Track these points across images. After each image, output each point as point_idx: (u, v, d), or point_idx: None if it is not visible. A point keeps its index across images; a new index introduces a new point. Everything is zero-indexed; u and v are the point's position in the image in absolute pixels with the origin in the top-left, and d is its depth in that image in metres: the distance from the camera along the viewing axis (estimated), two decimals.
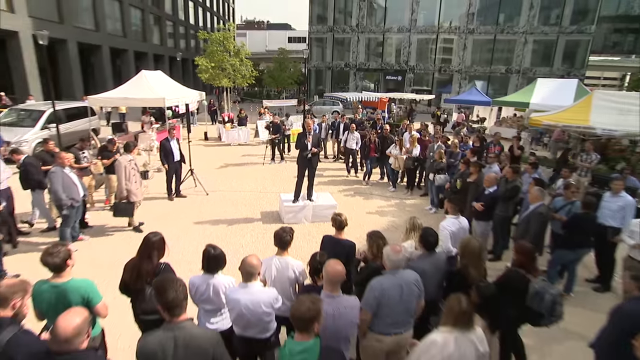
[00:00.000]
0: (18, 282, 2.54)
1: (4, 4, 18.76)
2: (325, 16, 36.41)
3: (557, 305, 3.52)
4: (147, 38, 33.71)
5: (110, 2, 28.17)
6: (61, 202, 6.19)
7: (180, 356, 2.15)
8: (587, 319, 4.80)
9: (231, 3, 60.87)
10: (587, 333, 3.73)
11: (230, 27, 22.46)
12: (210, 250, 3.11)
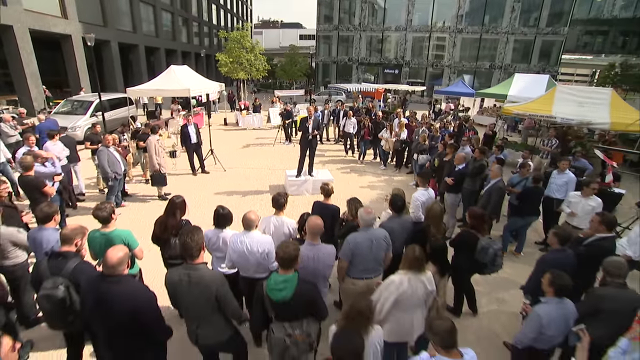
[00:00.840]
0: (78, 226, 2.91)
1: (59, 11, 19.19)
2: (331, 16, 35.68)
3: (497, 257, 3.81)
4: (176, 37, 33.51)
5: (145, 7, 28.03)
6: (107, 175, 6.58)
7: (192, 289, 2.45)
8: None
9: (249, 5, 59.65)
10: None
11: (247, 26, 22.29)
12: (220, 210, 3.43)
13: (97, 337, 2.69)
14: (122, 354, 2.46)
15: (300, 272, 2.66)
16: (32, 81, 17.30)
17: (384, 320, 2.98)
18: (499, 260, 3.81)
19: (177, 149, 10.24)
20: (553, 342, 2.84)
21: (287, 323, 2.49)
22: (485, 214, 4.24)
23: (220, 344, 2.67)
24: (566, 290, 2.75)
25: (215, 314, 2.50)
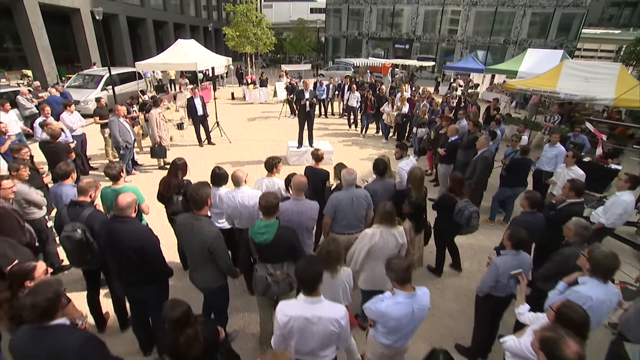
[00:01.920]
0: (92, 181, 3.33)
1: None
2: None
3: (472, 219, 4.12)
4: (184, 11, 33.12)
5: None
6: (119, 144, 7.02)
7: (193, 236, 2.83)
8: None
9: None
10: None
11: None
12: (216, 170, 3.80)
13: (110, 273, 3.15)
14: (131, 285, 2.91)
15: (286, 225, 3.04)
16: (44, 56, 17.67)
17: (360, 269, 3.36)
18: (473, 222, 4.13)
19: (185, 121, 10.60)
20: (507, 290, 3.18)
21: (270, 264, 2.89)
22: (464, 179, 4.53)
23: (209, 290, 3.10)
24: (523, 244, 3.06)
25: (208, 263, 2.89)
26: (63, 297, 1.97)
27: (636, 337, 2.70)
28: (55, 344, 1.87)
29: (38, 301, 1.83)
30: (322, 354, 2.21)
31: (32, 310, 1.84)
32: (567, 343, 1.68)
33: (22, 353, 1.91)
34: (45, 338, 1.88)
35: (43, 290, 1.88)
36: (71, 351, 1.86)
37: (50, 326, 1.89)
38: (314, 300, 2.10)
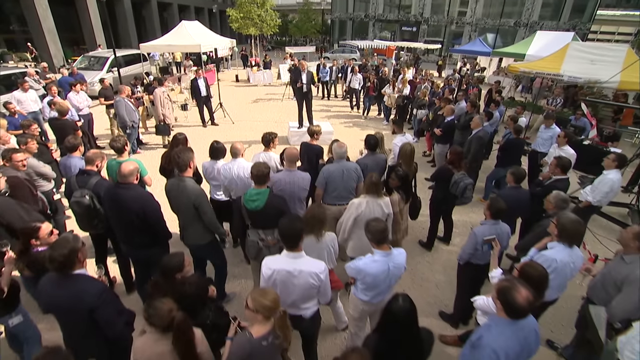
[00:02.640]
0: (98, 152, 3.58)
1: None
2: None
3: (467, 190, 4.29)
4: None
5: None
6: (126, 123, 7.24)
7: (179, 195, 3.07)
8: None
9: None
10: None
11: None
12: (214, 144, 4.01)
13: (116, 237, 3.41)
14: (134, 247, 3.17)
15: (280, 194, 3.25)
16: (50, 37, 17.82)
17: (348, 238, 3.57)
18: (468, 193, 4.30)
19: (189, 102, 10.77)
20: (486, 258, 3.37)
21: (261, 230, 3.12)
22: (463, 152, 4.69)
23: (200, 247, 3.35)
24: (501, 213, 3.23)
25: (196, 220, 3.13)
26: (80, 252, 2.21)
27: (599, 299, 2.89)
28: (75, 290, 2.14)
29: (55, 255, 2.08)
30: (303, 306, 2.45)
31: (51, 263, 2.10)
32: (519, 290, 1.87)
33: (46, 296, 2.19)
34: (67, 284, 2.15)
35: (60, 246, 2.13)
36: (90, 296, 2.12)
37: (72, 275, 2.16)
38: (296, 255, 2.32)
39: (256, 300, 1.89)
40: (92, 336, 2.20)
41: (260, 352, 1.88)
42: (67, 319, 2.21)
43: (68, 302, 2.12)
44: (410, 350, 1.96)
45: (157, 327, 1.84)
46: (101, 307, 2.13)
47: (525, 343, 1.99)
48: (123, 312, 2.33)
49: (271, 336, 1.91)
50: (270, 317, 1.92)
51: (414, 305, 2.01)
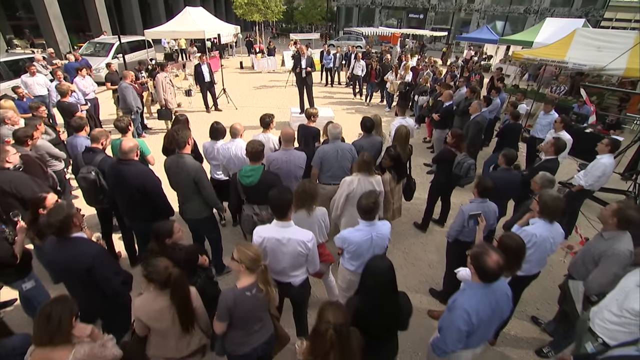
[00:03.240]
0: (103, 130, 3.74)
1: None
2: None
3: (470, 170, 4.40)
4: None
5: None
6: (132, 108, 7.40)
7: (179, 171, 3.23)
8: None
9: None
10: None
11: None
12: (215, 124, 4.15)
13: (120, 212, 3.60)
14: (137, 221, 3.36)
15: (276, 172, 3.40)
16: (56, 24, 17.91)
17: (341, 214, 3.72)
18: (472, 173, 4.40)
19: (193, 88, 10.89)
20: (473, 235, 3.50)
21: (256, 205, 3.28)
22: (463, 133, 4.79)
23: (198, 221, 3.52)
24: (487, 191, 3.35)
25: (195, 195, 3.30)
26: (75, 217, 2.38)
27: (579, 275, 3.02)
28: (73, 251, 2.33)
29: (52, 221, 2.27)
30: (292, 274, 2.61)
31: (49, 228, 2.30)
32: (490, 254, 2.01)
33: (48, 258, 2.39)
34: (65, 246, 2.34)
35: (56, 212, 2.31)
36: (86, 257, 2.31)
37: (70, 238, 2.35)
38: (285, 225, 2.47)
39: (240, 251, 2.07)
40: (93, 294, 2.38)
41: (243, 300, 2.05)
42: (68, 278, 2.42)
43: (67, 262, 2.32)
44: (387, 310, 2.11)
45: (155, 283, 2.01)
46: (97, 266, 2.33)
47: (496, 306, 2.13)
48: (120, 272, 2.53)
49: (254, 288, 2.08)
50: (253, 269, 2.08)
51: (392, 265, 2.15)
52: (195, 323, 2.15)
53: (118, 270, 2.54)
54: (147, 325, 2.09)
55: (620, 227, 2.78)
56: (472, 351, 2.34)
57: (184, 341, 2.17)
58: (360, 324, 2.04)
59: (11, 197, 3.20)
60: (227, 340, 2.20)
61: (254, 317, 2.16)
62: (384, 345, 2.26)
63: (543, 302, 4.18)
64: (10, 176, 3.26)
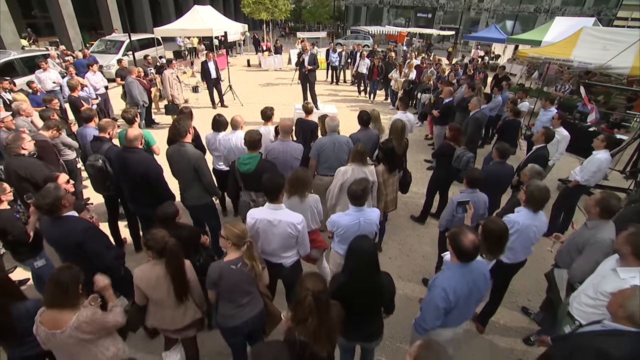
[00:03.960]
0: (110, 120, 3.94)
1: None
2: None
3: (470, 163, 4.51)
4: None
5: None
6: (138, 102, 7.64)
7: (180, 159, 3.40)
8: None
9: None
10: None
11: None
12: (217, 117, 4.32)
13: (125, 198, 3.79)
14: (140, 205, 3.54)
15: (274, 161, 3.55)
16: (69, 22, 18.39)
17: (336, 203, 3.85)
18: (471, 166, 4.50)
19: (200, 85, 11.12)
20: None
21: (253, 192, 3.43)
22: (461, 128, 4.89)
23: (198, 208, 3.69)
24: (476, 182, 3.46)
25: (195, 182, 3.47)
26: (64, 199, 2.54)
27: (564, 264, 3.11)
28: (65, 228, 2.54)
29: (41, 203, 2.47)
30: (283, 255, 2.76)
31: (40, 209, 2.52)
32: (466, 235, 2.12)
33: (45, 233, 2.63)
34: (58, 223, 2.56)
35: (44, 196, 2.49)
36: (77, 232, 2.52)
37: (62, 216, 2.55)
38: (276, 207, 2.62)
39: (227, 229, 2.23)
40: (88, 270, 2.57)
41: (228, 273, 2.22)
42: (62, 253, 2.63)
43: (60, 238, 2.54)
44: (369, 288, 2.24)
45: (153, 251, 2.18)
46: (87, 241, 2.53)
47: (474, 285, 2.24)
48: (111, 247, 2.73)
49: (239, 262, 2.24)
50: (239, 245, 2.23)
51: (374, 246, 2.27)
52: (189, 295, 2.31)
53: (109, 245, 2.72)
54: (145, 295, 2.26)
55: (603, 216, 2.87)
56: (453, 330, 2.45)
57: (179, 312, 2.34)
58: (343, 299, 2.19)
59: (26, 181, 3.42)
60: (218, 313, 2.37)
61: (240, 290, 2.31)
62: (366, 322, 2.39)
63: (535, 293, 4.26)
64: (26, 162, 3.48)
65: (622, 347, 1.79)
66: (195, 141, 4.31)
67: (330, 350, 1.94)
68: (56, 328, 1.87)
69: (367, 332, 2.45)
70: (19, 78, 9.05)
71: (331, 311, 1.89)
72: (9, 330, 2.05)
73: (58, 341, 1.88)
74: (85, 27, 20.42)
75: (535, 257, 4.43)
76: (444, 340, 2.45)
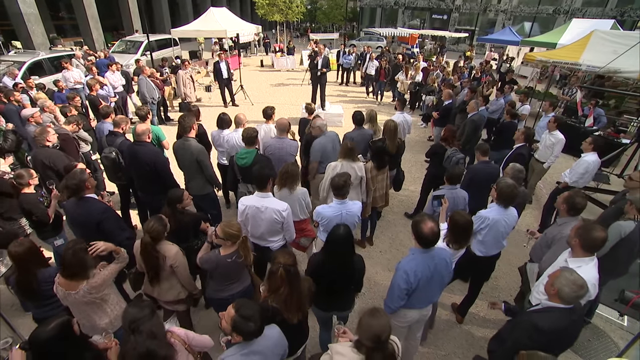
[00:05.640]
0: (124, 117, 4.35)
1: None
2: None
3: (459, 164, 4.67)
4: None
5: None
6: (146, 99, 8.11)
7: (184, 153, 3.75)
8: None
9: None
10: None
11: None
12: (221, 115, 4.67)
13: (135, 187, 4.19)
14: (148, 194, 3.93)
15: (270, 157, 3.88)
16: (93, 23, 19.29)
17: (327, 196, 4.13)
18: (461, 167, 4.69)
19: (212, 84, 11.58)
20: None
21: (250, 184, 3.76)
22: (455, 130, 5.11)
23: (201, 197, 4.03)
24: (454, 179, 3.69)
25: (198, 174, 3.83)
26: (87, 182, 2.95)
27: (536, 258, 3.31)
28: (86, 208, 2.93)
29: (69, 183, 2.87)
30: (270, 239, 3.07)
31: (67, 189, 2.90)
32: (426, 222, 2.38)
33: (69, 215, 3.00)
34: (80, 204, 2.95)
35: (72, 177, 2.90)
36: (97, 212, 2.92)
37: (84, 197, 2.94)
38: (264, 195, 2.93)
39: (224, 231, 2.48)
40: None
41: (224, 265, 2.53)
42: (83, 231, 2.98)
43: (82, 217, 2.92)
44: (342, 267, 2.52)
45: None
46: (104, 220, 2.93)
47: (435, 270, 2.49)
48: (125, 229, 3.10)
49: (235, 255, 2.53)
50: (235, 242, 2.52)
51: (350, 232, 2.54)
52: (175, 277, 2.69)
53: (123, 227, 3.10)
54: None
55: (570, 213, 3.07)
56: (419, 312, 2.71)
57: (163, 288, 2.71)
58: (320, 275, 2.50)
59: (49, 169, 3.86)
60: (209, 287, 2.70)
61: (233, 275, 2.65)
62: (340, 295, 2.68)
63: (517, 289, 4.43)
64: (50, 152, 3.92)
65: (549, 320, 2.07)
66: (200, 137, 4.68)
67: (300, 318, 2.23)
68: (71, 290, 2.23)
69: (340, 304, 2.74)
70: (46, 76, 9.71)
71: (301, 283, 2.19)
72: (35, 291, 2.45)
73: (73, 300, 2.25)
74: (108, 28, 21.33)
75: (522, 255, 4.63)
76: (410, 319, 2.72)
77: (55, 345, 1.72)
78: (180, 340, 1.96)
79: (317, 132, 4.39)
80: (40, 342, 1.71)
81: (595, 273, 2.48)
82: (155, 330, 1.75)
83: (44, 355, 1.74)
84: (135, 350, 1.69)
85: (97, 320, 2.38)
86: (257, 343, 1.82)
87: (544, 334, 2.08)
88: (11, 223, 3.60)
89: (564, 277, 2.05)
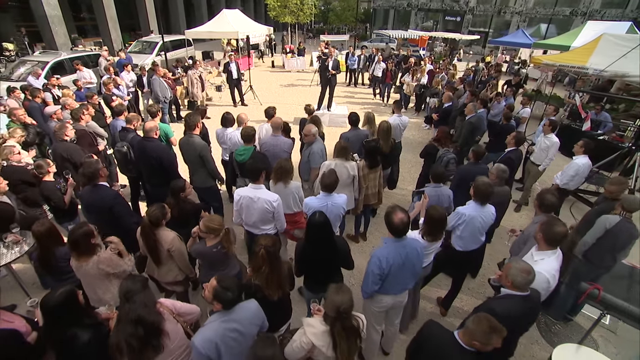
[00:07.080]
0: (136, 114, 4.72)
1: None
2: None
3: (450, 164, 4.90)
4: None
5: None
6: (158, 98, 8.52)
7: (189, 148, 4.08)
8: None
9: None
10: None
11: None
12: (225, 114, 4.98)
13: (143, 178, 4.55)
14: (155, 186, 4.28)
15: (265, 153, 4.19)
16: (112, 24, 20.04)
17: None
18: (451, 167, 4.88)
19: (223, 84, 12.00)
20: None
21: (247, 179, 4.06)
22: (448, 131, 5.33)
23: (203, 190, 4.35)
24: (439, 177, 3.91)
25: (201, 168, 4.16)
26: (101, 170, 3.31)
27: (515, 253, 3.51)
28: (99, 195, 3.29)
29: (86, 171, 3.24)
30: (262, 227, 3.36)
31: (83, 177, 3.26)
32: (396, 213, 2.63)
33: (84, 201, 3.37)
34: (95, 191, 3.31)
35: (88, 166, 3.27)
36: (109, 198, 3.28)
37: (97, 185, 3.30)
38: (257, 187, 3.23)
39: (206, 226, 2.75)
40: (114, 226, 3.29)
41: (209, 254, 2.81)
42: (98, 215, 3.32)
43: (96, 202, 3.28)
44: (324, 250, 2.78)
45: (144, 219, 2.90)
46: (116, 205, 3.29)
47: (407, 258, 2.73)
48: (133, 215, 3.46)
49: (219, 246, 2.81)
50: (218, 234, 2.80)
51: (327, 219, 2.79)
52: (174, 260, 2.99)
53: (131, 213, 3.46)
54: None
55: (542, 210, 3.27)
56: (393, 297, 2.94)
57: (162, 270, 3.03)
58: (306, 259, 2.81)
59: (67, 161, 4.26)
60: (201, 273, 3.02)
61: (218, 263, 2.92)
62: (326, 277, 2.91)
63: None
64: (67, 146, 4.33)
65: (505, 306, 2.31)
66: (202, 136, 5.01)
67: (280, 296, 2.51)
68: (82, 262, 2.58)
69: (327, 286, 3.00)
70: (66, 76, 10.28)
71: (282, 264, 2.48)
72: (52, 266, 2.82)
73: (84, 271, 2.59)
74: (126, 29, 22.09)
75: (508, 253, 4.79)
76: (386, 305, 2.97)
77: (60, 310, 2.04)
78: (168, 309, 2.27)
79: (310, 139, 4.57)
80: (49, 306, 2.03)
81: (557, 265, 2.69)
82: (145, 300, 2.05)
83: (51, 316, 2.06)
84: (128, 316, 1.99)
85: (101, 294, 2.72)
86: (236, 312, 2.11)
87: (497, 317, 2.30)
88: (34, 209, 4.00)
89: (513, 268, 2.29)
